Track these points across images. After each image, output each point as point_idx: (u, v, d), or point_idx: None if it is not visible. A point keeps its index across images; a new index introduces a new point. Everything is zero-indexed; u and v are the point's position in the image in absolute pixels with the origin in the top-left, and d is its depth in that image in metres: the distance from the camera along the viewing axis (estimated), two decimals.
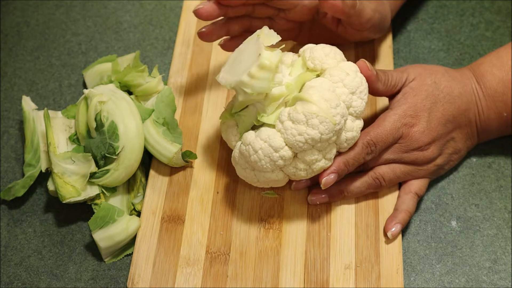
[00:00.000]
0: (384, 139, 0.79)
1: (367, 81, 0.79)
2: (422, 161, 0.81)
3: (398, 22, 0.98)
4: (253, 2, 0.82)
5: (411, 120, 0.80)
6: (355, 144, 0.79)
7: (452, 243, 0.81)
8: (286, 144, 0.74)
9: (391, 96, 0.83)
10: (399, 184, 0.83)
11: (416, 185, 0.82)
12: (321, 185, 0.78)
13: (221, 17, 0.84)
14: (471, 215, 0.83)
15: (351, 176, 0.82)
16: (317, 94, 0.73)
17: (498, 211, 0.83)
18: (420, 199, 0.83)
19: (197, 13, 0.81)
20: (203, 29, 0.84)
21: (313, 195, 0.81)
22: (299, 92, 0.76)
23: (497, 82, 0.82)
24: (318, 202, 0.81)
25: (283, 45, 0.78)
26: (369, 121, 0.86)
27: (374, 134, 0.79)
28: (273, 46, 0.75)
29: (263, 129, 0.75)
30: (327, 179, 0.77)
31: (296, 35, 0.89)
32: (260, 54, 0.74)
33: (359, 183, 0.81)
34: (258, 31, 0.77)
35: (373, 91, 0.81)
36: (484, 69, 0.83)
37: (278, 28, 0.85)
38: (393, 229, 0.79)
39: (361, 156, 0.79)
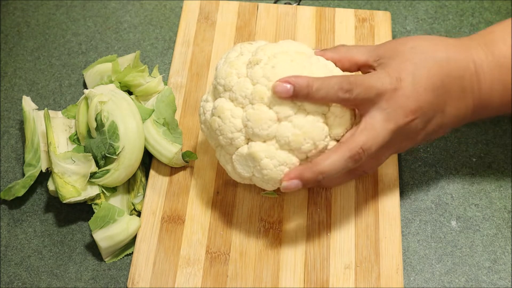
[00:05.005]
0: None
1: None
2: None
3: (398, 22, 0.98)
4: None
5: (396, 83, 0.71)
6: (335, 147, 0.72)
7: (452, 243, 0.81)
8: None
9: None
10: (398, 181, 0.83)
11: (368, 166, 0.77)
12: (281, 188, 0.72)
13: None
14: (471, 215, 0.83)
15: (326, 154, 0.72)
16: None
17: (498, 211, 0.83)
18: (418, 199, 0.83)
19: None
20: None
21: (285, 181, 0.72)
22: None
23: (510, 49, 0.74)
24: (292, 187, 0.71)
25: None
26: None
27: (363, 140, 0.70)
28: None
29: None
30: (288, 184, 0.71)
31: None
32: None
33: (336, 159, 0.71)
34: None
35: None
36: (496, 36, 0.76)
37: None
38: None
39: (345, 164, 0.71)
